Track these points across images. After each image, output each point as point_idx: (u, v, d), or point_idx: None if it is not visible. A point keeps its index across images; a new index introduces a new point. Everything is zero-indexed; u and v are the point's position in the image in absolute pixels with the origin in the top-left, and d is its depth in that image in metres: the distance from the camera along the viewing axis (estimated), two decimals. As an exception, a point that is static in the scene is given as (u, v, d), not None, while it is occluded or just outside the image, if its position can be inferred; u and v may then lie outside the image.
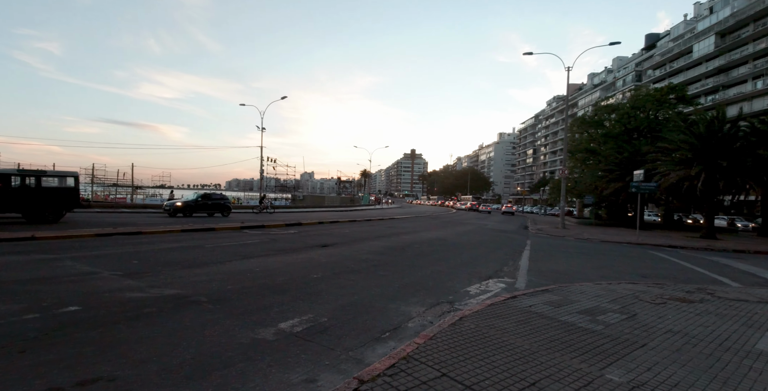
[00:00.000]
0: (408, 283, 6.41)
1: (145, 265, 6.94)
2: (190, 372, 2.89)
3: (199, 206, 21.29)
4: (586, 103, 73.14)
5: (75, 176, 15.16)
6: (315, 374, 2.93)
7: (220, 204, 22.39)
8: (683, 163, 20.11)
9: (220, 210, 22.37)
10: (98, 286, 5.32)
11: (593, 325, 4.23)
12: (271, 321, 4.12)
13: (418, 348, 3.26)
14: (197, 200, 21.51)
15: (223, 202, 22.75)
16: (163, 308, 4.42)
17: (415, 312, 4.76)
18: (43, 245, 8.77)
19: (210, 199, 22.16)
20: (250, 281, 6.01)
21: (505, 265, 8.84)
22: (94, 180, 40.39)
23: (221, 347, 3.39)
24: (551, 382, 2.80)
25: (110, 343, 3.38)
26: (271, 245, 10.30)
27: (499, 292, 6.06)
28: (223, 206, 22.51)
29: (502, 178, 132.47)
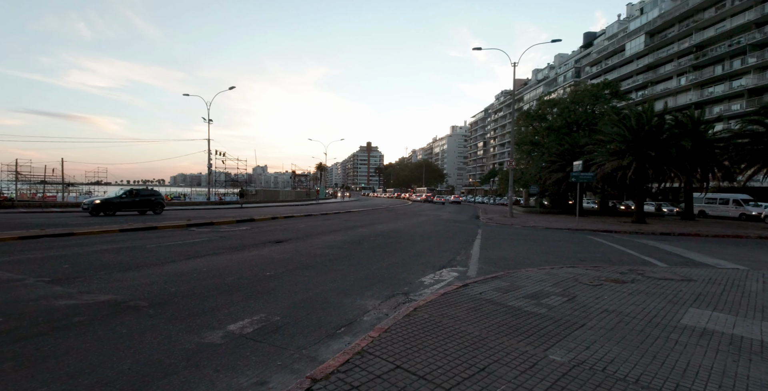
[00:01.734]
0: (364, 276, 6.39)
1: (77, 269, 6.37)
2: (127, 384, 2.68)
3: (124, 204, 19.37)
4: (531, 97, 76.71)
5: None
6: (266, 376, 2.83)
7: (151, 201, 20.60)
8: (617, 154, 21.71)
9: (151, 207, 20.63)
10: (21, 294, 4.80)
11: (538, 308, 4.45)
12: (218, 323, 3.93)
13: (372, 342, 3.25)
14: (121, 196, 19.54)
15: (154, 198, 20.97)
16: (97, 316, 4.07)
17: (370, 305, 4.75)
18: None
19: (137, 195, 20.25)
20: (196, 281, 5.70)
21: (457, 254, 9.10)
22: (18, 177, 36.52)
23: (163, 354, 3.18)
24: (500, 366, 2.90)
25: (35, 357, 3.06)
26: (220, 243, 9.86)
27: (452, 281, 6.22)
28: (154, 203, 20.77)
29: (456, 170, 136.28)
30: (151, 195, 21.18)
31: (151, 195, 21.14)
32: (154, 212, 20.79)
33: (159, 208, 21.16)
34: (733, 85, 36.54)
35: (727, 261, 9.15)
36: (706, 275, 6.69)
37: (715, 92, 38.08)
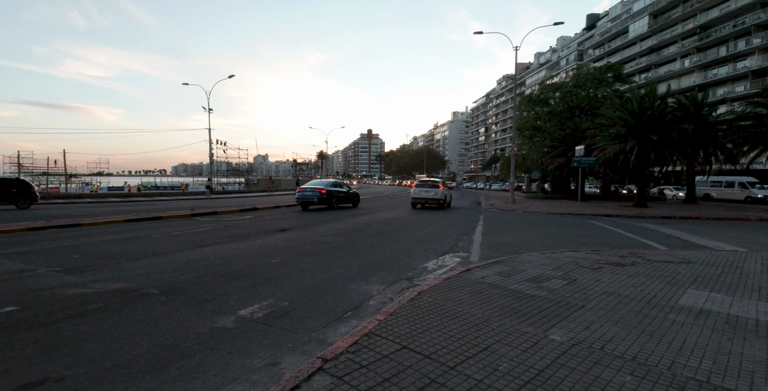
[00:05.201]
0: (368, 263, 6.51)
1: (87, 259, 6.51)
2: (146, 366, 2.81)
3: None
4: (533, 81, 75.81)
5: None
6: (278, 358, 2.96)
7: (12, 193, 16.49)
8: (619, 138, 21.62)
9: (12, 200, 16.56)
10: (35, 284, 4.93)
11: (539, 291, 4.56)
12: (229, 309, 4.06)
13: (379, 325, 3.37)
14: None
15: (17, 189, 16.77)
16: (110, 303, 4.20)
17: (375, 290, 4.87)
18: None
19: None
20: (204, 269, 5.83)
21: (459, 240, 9.21)
22: (20, 169, 36.66)
23: (177, 338, 3.31)
24: (501, 345, 3.02)
25: (54, 343, 3.19)
26: (225, 232, 9.99)
27: (455, 266, 6.33)
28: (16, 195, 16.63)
29: (457, 156, 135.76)
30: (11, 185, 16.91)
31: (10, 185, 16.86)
32: (17, 206, 16.83)
33: (25, 200, 16.99)
34: (737, 67, 36.02)
35: (727, 243, 9.25)
36: (705, 257, 6.79)
37: (719, 74, 37.56)
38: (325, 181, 19.04)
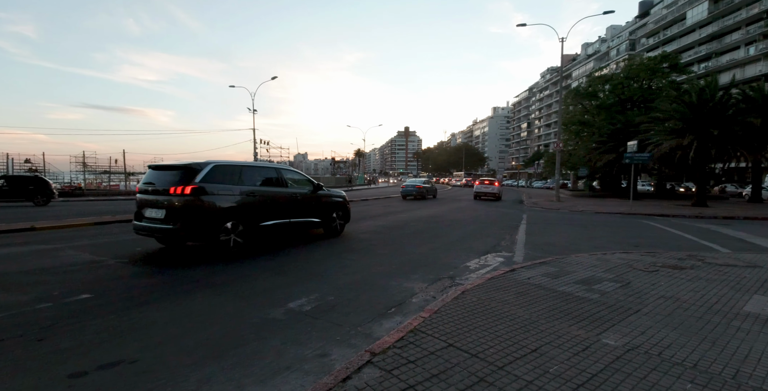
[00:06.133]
0: (407, 260, 6.55)
1: (148, 251, 7.01)
2: (207, 352, 3.01)
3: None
4: (580, 74, 72.36)
5: None
6: (327, 349, 3.07)
7: (30, 190, 17.38)
8: (675, 133, 20.19)
9: (30, 197, 17.46)
10: (105, 273, 5.39)
11: (589, 294, 4.40)
12: (279, 301, 4.24)
13: (424, 322, 3.40)
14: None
15: (34, 187, 17.59)
16: (173, 293, 4.52)
17: (417, 288, 4.90)
18: (42, 236, 8.78)
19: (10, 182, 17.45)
20: (252, 263, 6.10)
21: (502, 239, 9.02)
22: (85, 168, 39.89)
23: (233, 327, 3.51)
24: (551, 348, 2.95)
25: (125, 328, 3.48)
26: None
27: (498, 266, 6.23)
28: (33, 192, 17.45)
29: (497, 152, 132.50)
30: (29, 183, 17.70)
31: (28, 183, 17.63)
32: (35, 203, 17.55)
33: (42, 197, 17.68)
34: (815, 52, 32.52)
35: (803, 247, 8.43)
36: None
37: (793, 61, 34.11)
38: (419, 180, 27.70)
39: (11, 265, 5.88)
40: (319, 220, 8.65)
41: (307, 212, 8.35)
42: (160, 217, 6.34)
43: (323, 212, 8.77)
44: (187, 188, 6.20)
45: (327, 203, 8.96)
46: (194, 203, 6.23)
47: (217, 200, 6.51)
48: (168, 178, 6.53)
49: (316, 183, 8.90)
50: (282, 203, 7.73)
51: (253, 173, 7.49)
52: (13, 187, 17.57)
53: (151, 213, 6.52)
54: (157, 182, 6.60)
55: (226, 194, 6.67)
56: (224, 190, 6.66)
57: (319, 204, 8.68)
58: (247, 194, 6.99)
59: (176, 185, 6.26)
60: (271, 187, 7.63)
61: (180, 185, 6.24)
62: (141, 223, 6.62)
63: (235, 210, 6.71)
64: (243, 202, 6.86)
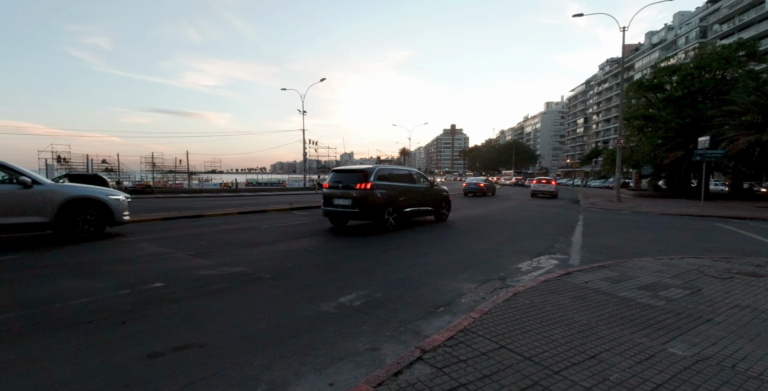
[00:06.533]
0: (455, 260, 6.49)
1: (211, 245, 7.53)
2: (266, 340, 3.20)
3: None
4: (644, 64, 67.26)
5: None
6: (378, 344, 3.14)
7: None
8: (755, 127, 18.20)
9: None
10: (174, 264, 5.88)
11: (654, 300, 4.12)
12: (330, 296, 4.39)
13: (474, 322, 3.37)
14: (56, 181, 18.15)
15: None
16: (233, 284, 4.83)
17: (466, 288, 4.85)
18: (120, 229, 9.70)
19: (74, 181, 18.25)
20: (304, 258, 6.36)
21: (556, 241, 8.66)
22: (154, 168, 43.47)
23: (289, 318, 3.70)
24: (612, 355, 2.81)
25: (193, 315, 3.79)
26: (318, 226, 10.71)
27: (552, 268, 5.99)
28: None
29: (550, 150, 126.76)
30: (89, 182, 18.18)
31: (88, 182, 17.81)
32: None
33: None
34: None
35: None
36: None
37: None
38: (480, 178, 29.88)
39: (92, 256, 6.57)
40: (432, 209, 11.43)
41: (427, 202, 11.23)
42: (347, 204, 9.35)
43: (436, 203, 11.58)
44: (368, 185, 9.25)
45: (439, 196, 11.76)
46: (371, 195, 9.24)
47: (382, 193, 9.46)
48: (352, 178, 9.56)
49: (431, 180, 11.79)
50: (414, 195, 10.67)
51: (398, 174, 10.49)
52: None
53: (339, 201, 9.50)
54: (344, 181, 9.65)
55: (387, 189, 9.64)
56: (385, 187, 9.63)
57: (433, 196, 11.49)
58: (397, 189, 9.98)
59: (360, 182, 9.32)
60: (409, 184, 10.55)
61: (362, 182, 9.29)
62: (330, 208, 9.64)
63: (391, 200, 9.73)
64: (395, 194, 9.86)
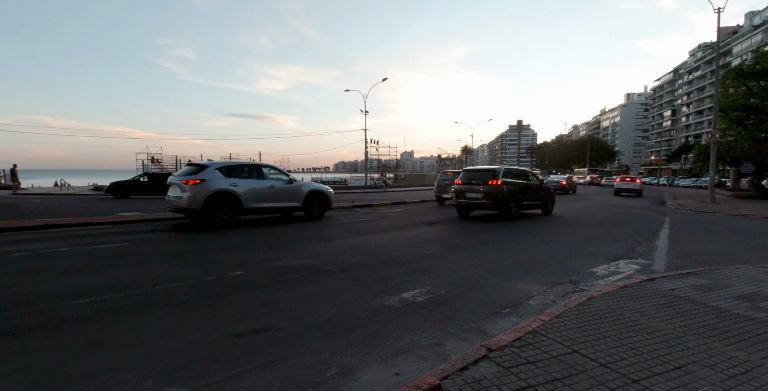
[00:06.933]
0: (522, 261, 6.26)
1: (282, 239, 8.04)
2: (334, 328, 3.37)
3: (134, 187, 21.06)
4: (744, 49, 59.00)
5: None
6: (441, 340, 3.16)
7: (164, 185, 20.94)
8: None
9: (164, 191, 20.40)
10: (251, 255, 6.38)
11: (753, 312, 3.64)
12: (394, 290, 4.49)
13: (544, 325, 3.25)
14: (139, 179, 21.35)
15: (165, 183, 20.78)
16: (303, 275, 5.13)
17: (534, 291, 4.67)
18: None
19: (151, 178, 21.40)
20: (367, 254, 6.54)
21: (637, 245, 7.97)
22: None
23: (355, 309, 3.85)
24: (700, 367, 2.56)
25: (269, 301, 4.10)
26: (380, 223, 10.92)
27: (633, 274, 5.54)
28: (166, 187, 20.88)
29: (631, 146, 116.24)
30: (164, 179, 21.29)
31: (164, 179, 21.28)
32: None
33: None
34: None
35: None
36: None
37: None
38: (562, 176, 31.23)
39: (186, 244, 7.35)
40: (541, 203, 13.15)
41: (539, 197, 12.98)
42: (479, 197, 11.63)
43: (545, 198, 13.32)
44: (498, 181, 11.42)
45: (548, 192, 13.57)
46: (500, 190, 11.39)
47: (508, 188, 11.57)
48: (483, 176, 11.77)
49: (542, 178, 14.65)
50: (530, 190, 12.55)
51: (517, 172, 12.46)
52: (152, 182, 21.80)
53: (471, 195, 11.79)
54: (476, 178, 11.89)
55: (511, 185, 11.71)
56: (509, 183, 11.68)
57: (543, 192, 13.29)
58: (519, 185, 12.00)
59: (490, 179, 11.50)
60: (526, 181, 12.48)
61: (493, 179, 11.47)
62: (462, 200, 12.00)
63: (515, 194, 11.76)
64: (517, 189, 11.90)
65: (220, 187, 9.58)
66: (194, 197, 9.29)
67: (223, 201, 9.63)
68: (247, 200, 10.03)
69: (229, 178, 9.87)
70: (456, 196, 12.23)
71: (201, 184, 9.41)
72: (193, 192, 9.32)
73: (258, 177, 10.57)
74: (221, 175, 9.81)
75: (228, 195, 9.71)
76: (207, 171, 9.70)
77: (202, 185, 9.40)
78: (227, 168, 10.12)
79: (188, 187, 9.39)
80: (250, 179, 10.33)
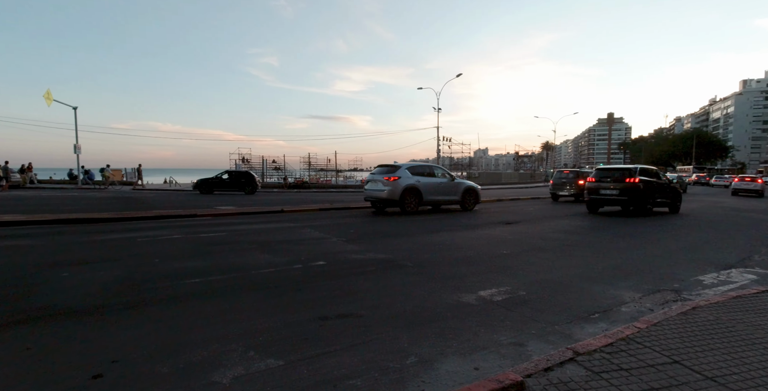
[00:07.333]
0: (613, 265, 5.78)
1: (359, 234, 8.38)
2: (411, 319, 3.46)
3: (216, 184, 23.18)
4: None
5: None
6: (522, 340, 3.08)
7: (242, 182, 23.35)
8: None
9: (242, 188, 23.19)
10: (331, 248, 6.76)
11: None
12: (470, 288, 4.45)
13: (639, 332, 3.00)
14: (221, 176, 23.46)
15: (245, 180, 23.47)
16: (379, 268, 5.32)
17: (628, 297, 4.31)
18: (288, 216, 11.56)
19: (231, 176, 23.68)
20: (441, 252, 6.54)
21: (755, 252, 6.90)
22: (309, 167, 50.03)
23: (431, 303, 3.90)
24: None
25: (350, 290, 4.33)
26: (453, 221, 10.80)
27: (748, 284, 4.83)
28: (244, 184, 23.21)
29: (748, 140, 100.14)
30: (242, 177, 23.64)
31: (241, 177, 23.62)
32: (245, 192, 23.11)
33: (250, 188, 23.27)
34: None
35: None
36: None
37: None
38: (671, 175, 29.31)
39: (274, 236, 8.02)
40: (669, 201, 13.49)
41: (668, 195, 13.37)
42: (615, 193, 12.40)
43: (674, 196, 13.64)
44: (635, 179, 12.07)
45: (676, 191, 13.83)
46: (637, 187, 12.07)
47: (644, 185, 12.19)
48: (620, 174, 12.45)
49: (669, 177, 14.93)
50: (661, 189, 13.04)
51: (650, 171, 12.99)
52: (232, 180, 23.75)
53: (605, 192, 12.46)
54: (612, 176, 12.54)
55: (646, 183, 12.28)
56: (644, 181, 12.25)
57: (673, 191, 13.62)
58: (653, 183, 12.58)
59: (628, 177, 12.24)
60: (657, 180, 12.96)
61: (630, 177, 12.18)
62: (596, 196, 12.70)
63: (650, 191, 12.37)
64: (652, 187, 12.51)
65: (410, 183, 12.14)
66: (394, 190, 11.90)
67: (412, 194, 12.16)
68: (426, 194, 12.47)
69: (414, 176, 12.33)
70: (588, 192, 12.93)
71: (398, 181, 11.97)
72: (393, 186, 11.92)
73: (431, 176, 12.89)
74: (409, 174, 12.29)
75: (414, 190, 12.22)
76: (400, 170, 12.27)
77: (398, 181, 11.97)
78: (412, 168, 12.60)
79: (390, 182, 11.98)
80: (427, 177, 12.69)
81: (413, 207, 12.20)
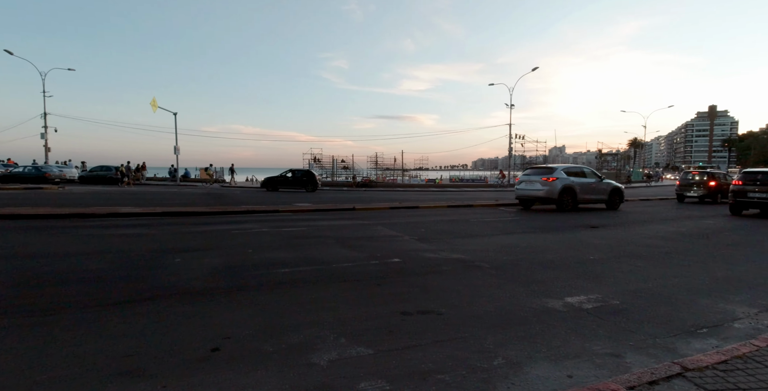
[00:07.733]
0: (722, 277, 5.15)
1: (429, 232, 8.41)
2: (494, 321, 3.42)
3: (281, 182, 24.74)
4: None
5: None
6: (619, 351, 2.90)
7: (303, 180, 24.65)
8: None
9: (303, 185, 24.42)
10: (404, 246, 6.88)
11: None
12: (555, 294, 4.27)
13: (759, 350, 2.67)
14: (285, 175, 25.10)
15: (306, 178, 24.82)
16: (455, 268, 5.30)
17: (741, 312, 3.83)
18: (360, 214, 11.94)
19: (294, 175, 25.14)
20: (519, 254, 6.32)
21: None
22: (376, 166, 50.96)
23: (514, 306, 3.82)
24: None
25: (427, 287, 4.39)
26: (530, 223, 10.35)
27: None
28: (306, 182, 24.47)
29: None
30: (305, 176, 25.06)
31: (304, 176, 25.04)
32: (306, 190, 24.13)
33: (311, 187, 24.42)
34: None
35: None
36: None
37: None
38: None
39: (350, 232, 8.37)
40: None
41: None
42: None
43: None
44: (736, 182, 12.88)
45: None
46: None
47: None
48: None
49: None
50: None
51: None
52: (295, 178, 25.28)
53: (754, 195, 12.36)
54: (761, 179, 12.42)
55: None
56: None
57: None
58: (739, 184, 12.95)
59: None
60: None
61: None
62: (745, 199, 12.57)
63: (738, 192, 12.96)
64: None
65: (566, 183, 13.20)
66: (552, 189, 13.05)
67: (568, 193, 13.21)
68: (580, 193, 13.52)
69: (569, 177, 13.39)
70: (735, 195, 12.85)
71: (555, 181, 13.09)
72: (551, 186, 13.09)
73: (582, 176, 13.96)
74: (565, 175, 13.36)
75: (570, 189, 13.26)
76: (557, 172, 13.40)
77: (556, 182, 13.09)
78: (567, 170, 13.75)
79: (548, 183, 13.13)
80: (580, 178, 13.76)
81: (570, 205, 13.16)
